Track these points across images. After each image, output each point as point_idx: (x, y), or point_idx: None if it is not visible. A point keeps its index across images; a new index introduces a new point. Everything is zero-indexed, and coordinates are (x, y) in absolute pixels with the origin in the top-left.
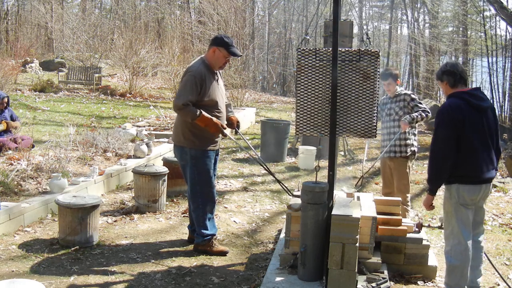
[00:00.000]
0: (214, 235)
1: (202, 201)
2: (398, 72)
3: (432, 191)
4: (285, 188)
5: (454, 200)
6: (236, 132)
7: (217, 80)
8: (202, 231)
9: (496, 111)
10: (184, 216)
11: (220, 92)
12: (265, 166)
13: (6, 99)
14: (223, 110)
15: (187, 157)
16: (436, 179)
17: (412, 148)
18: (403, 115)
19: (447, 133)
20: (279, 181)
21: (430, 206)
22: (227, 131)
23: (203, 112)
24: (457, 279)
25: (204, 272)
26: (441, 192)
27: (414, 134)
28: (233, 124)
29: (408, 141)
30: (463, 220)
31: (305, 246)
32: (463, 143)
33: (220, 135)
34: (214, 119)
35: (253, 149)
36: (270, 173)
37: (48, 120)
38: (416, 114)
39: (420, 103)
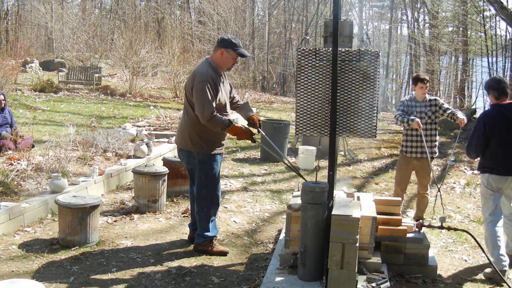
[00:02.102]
0: (215, 236)
1: (207, 204)
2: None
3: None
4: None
5: (483, 186)
6: (259, 131)
7: (223, 82)
8: (204, 233)
9: None
10: (184, 216)
11: (226, 93)
12: (296, 171)
13: (2, 96)
14: (229, 112)
15: (195, 161)
16: (468, 155)
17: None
18: (435, 118)
19: (479, 134)
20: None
21: None
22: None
23: (233, 122)
24: (490, 247)
25: (204, 272)
26: (440, 192)
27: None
28: (256, 124)
29: (436, 143)
30: (487, 202)
31: (305, 246)
32: (492, 143)
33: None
34: (244, 127)
35: (279, 151)
36: (299, 175)
37: (48, 120)
38: (461, 112)
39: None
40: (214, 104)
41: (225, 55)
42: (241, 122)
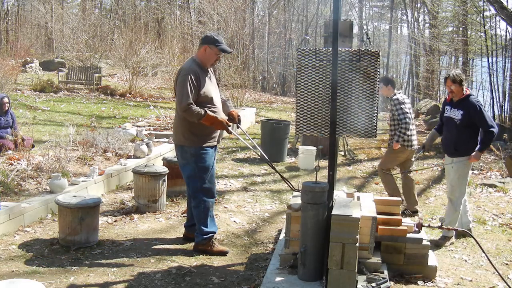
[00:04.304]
0: (214, 233)
1: (203, 197)
2: (389, 77)
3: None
4: (290, 185)
5: (470, 165)
6: (238, 127)
7: (209, 77)
8: (202, 227)
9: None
10: (184, 216)
11: (214, 88)
12: (269, 163)
13: (6, 99)
14: (219, 106)
15: (188, 155)
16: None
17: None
18: (392, 116)
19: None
20: (283, 178)
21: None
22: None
23: (208, 111)
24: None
25: (204, 272)
26: (440, 192)
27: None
28: (235, 119)
29: (399, 133)
30: (465, 180)
31: (305, 246)
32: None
33: (224, 131)
34: (219, 117)
35: (255, 143)
36: (274, 168)
37: (48, 120)
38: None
39: (402, 109)
40: (192, 96)
41: (208, 51)
42: (222, 116)
